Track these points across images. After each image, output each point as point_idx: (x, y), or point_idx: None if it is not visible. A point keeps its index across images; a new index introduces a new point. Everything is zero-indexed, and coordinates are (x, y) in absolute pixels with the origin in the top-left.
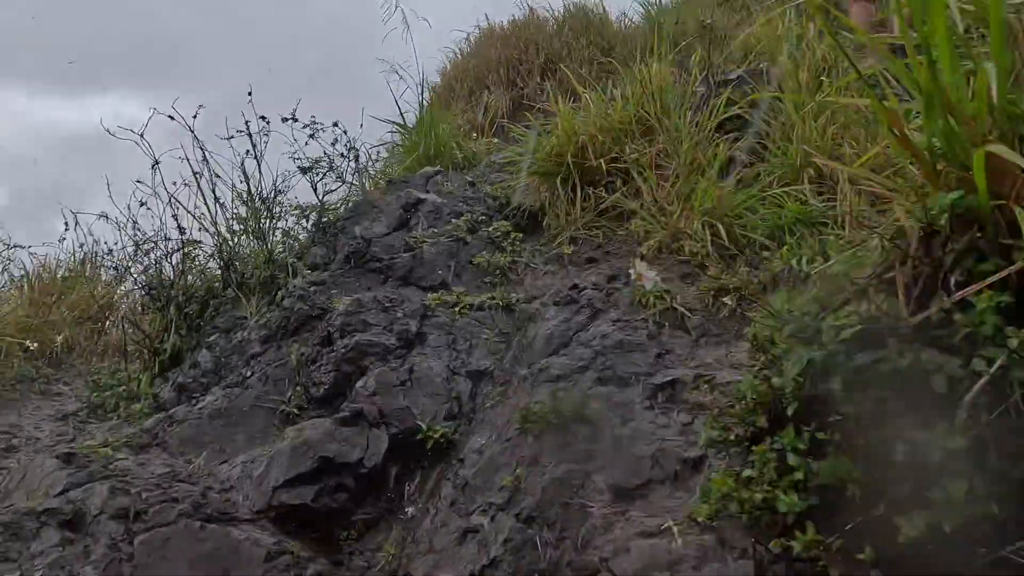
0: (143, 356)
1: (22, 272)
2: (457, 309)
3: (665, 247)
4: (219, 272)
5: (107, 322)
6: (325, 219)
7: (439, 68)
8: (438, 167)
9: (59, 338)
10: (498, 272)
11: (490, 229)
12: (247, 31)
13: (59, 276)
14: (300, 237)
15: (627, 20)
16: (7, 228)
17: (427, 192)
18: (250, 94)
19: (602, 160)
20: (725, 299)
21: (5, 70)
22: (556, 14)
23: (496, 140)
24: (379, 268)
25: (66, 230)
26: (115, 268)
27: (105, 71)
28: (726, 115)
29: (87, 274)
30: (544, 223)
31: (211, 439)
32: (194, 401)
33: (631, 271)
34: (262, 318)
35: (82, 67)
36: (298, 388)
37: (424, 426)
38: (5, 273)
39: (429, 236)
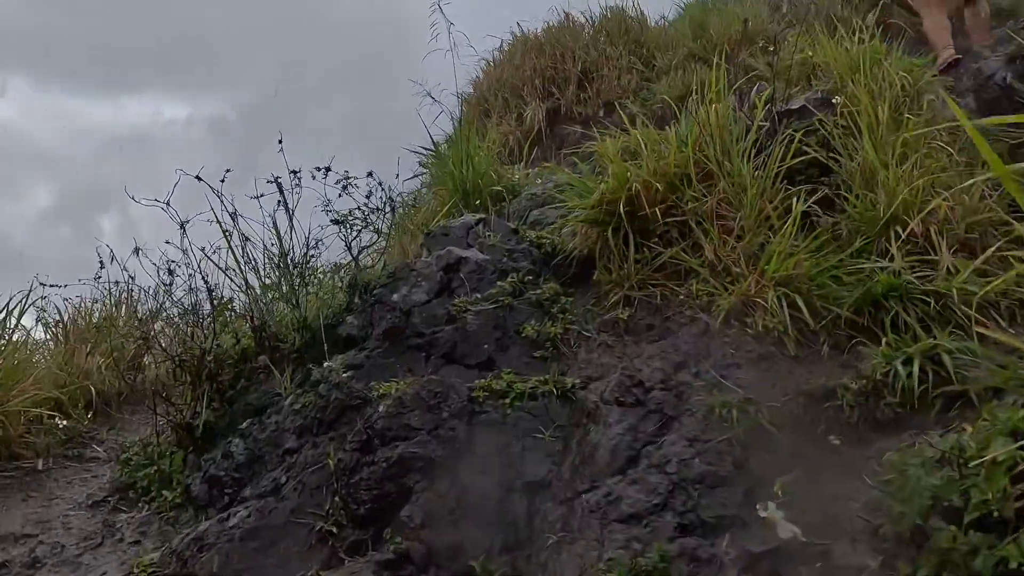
0: (175, 430)
1: (56, 318)
2: (508, 401)
3: (734, 315)
4: (251, 334)
5: (142, 369)
6: (361, 282)
7: (471, 79)
8: (480, 216)
9: (94, 390)
10: (548, 344)
11: (538, 292)
12: (279, 29)
13: (94, 320)
14: (337, 296)
15: (666, 23)
16: (54, 227)
17: (468, 247)
18: (280, 141)
19: (657, 209)
20: (825, 406)
21: (45, 71)
22: (591, 18)
23: (531, 171)
24: (420, 345)
25: (101, 268)
26: (146, 317)
27: (140, 71)
28: (799, 160)
29: (123, 315)
30: (595, 277)
31: (243, 566)
32: (225, 512)
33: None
34: (297, 401)
35: (118, 66)
36: (336, 500)
37: (478, 567)
38: (39, 322)
39: (472, 304)
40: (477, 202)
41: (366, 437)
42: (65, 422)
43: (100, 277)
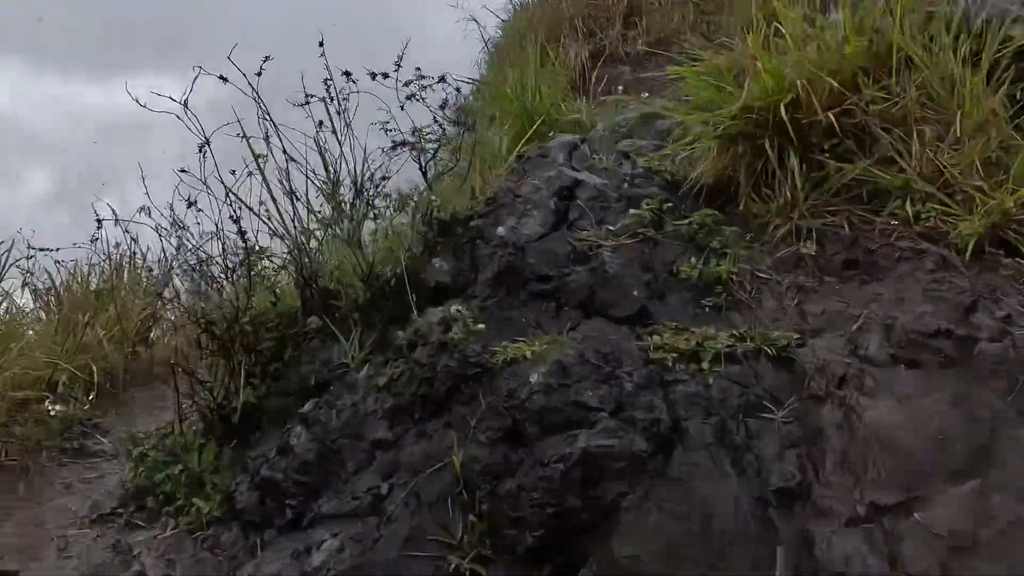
0: (204, 416)
1: (48, 284)
2: (706, 367)
3: (987, 243)
4: (296, 291)
5: (150, 340)
6: (447, 214)
7: (498, 24)
8: (579, 135)
9: (95, 367)
10: (719, 289)
11: (687, 223)
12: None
13: (92, 287)
14: (408, 236)
15: None
16: (52, 214)
17: (576, 169)
18: (321, 44)
19: (831, 114)
20: None
21: (38, 54)
22: None
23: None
24: (546, 292)
25: (99, 227)
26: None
27: (135, 51)
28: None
29: (125, 281)
30: (742, 207)
31: None
32: (296, 534)
33: None
34: (378, 373)
35: (113, 48)
36: (473, 521)
37: None
38: (27, 288)
39: (604, 237)
40: (550, 134)
41: (511, 423)
42: (60, 407)
43: (97, 239)
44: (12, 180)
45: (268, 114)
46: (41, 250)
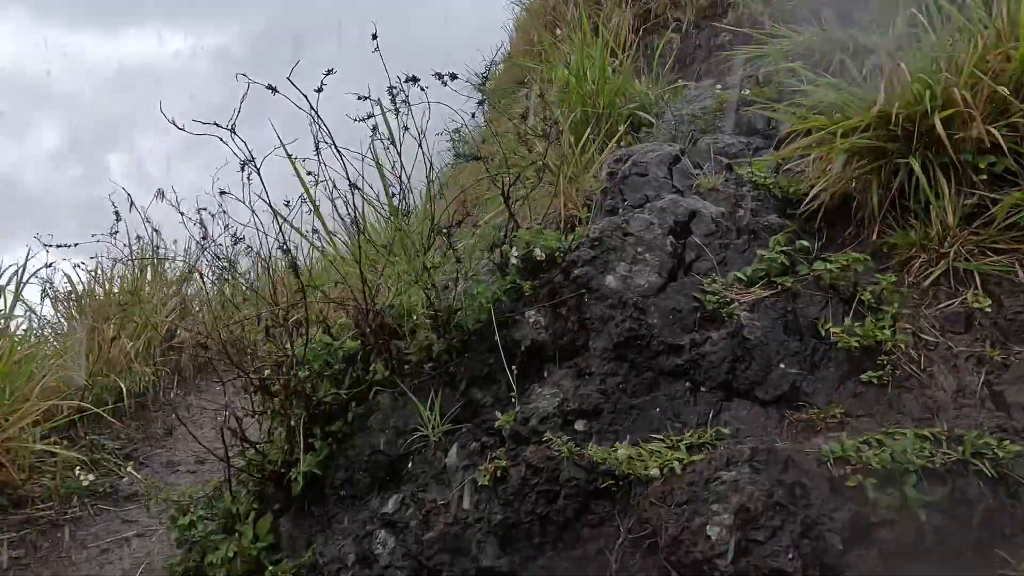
0: (257, 481)
1: (67, 287)
2: (909, 493)
3: None
4: (352, 325)
5: (177, 340)
6: (537, 251)
7: None
8: (679, 146)
9: (123, 386)
10: (882, 360)
11: (825, 268)
12: None
13: (115, 292)
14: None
15: None
16: (64, 167)
17: (676, 190)
18: (375, 36)
19: (994, 128)
20: None
21: (43, 6)
22: None
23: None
24: (678, 368)
25: (117, 220)
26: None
27: (141, 3)
28: None
29: (148, 280)
30: (874, 237)
31: None
32: None
33: None
34: (472, 462)
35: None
36: None
37: None
38: (45, 296)
39: (735, 288)
40: (620, 128)
41: None
42: (91, 476)
43: (117, 232)
44: (21, 131)
45: (331, 136)
46: (59, 246)
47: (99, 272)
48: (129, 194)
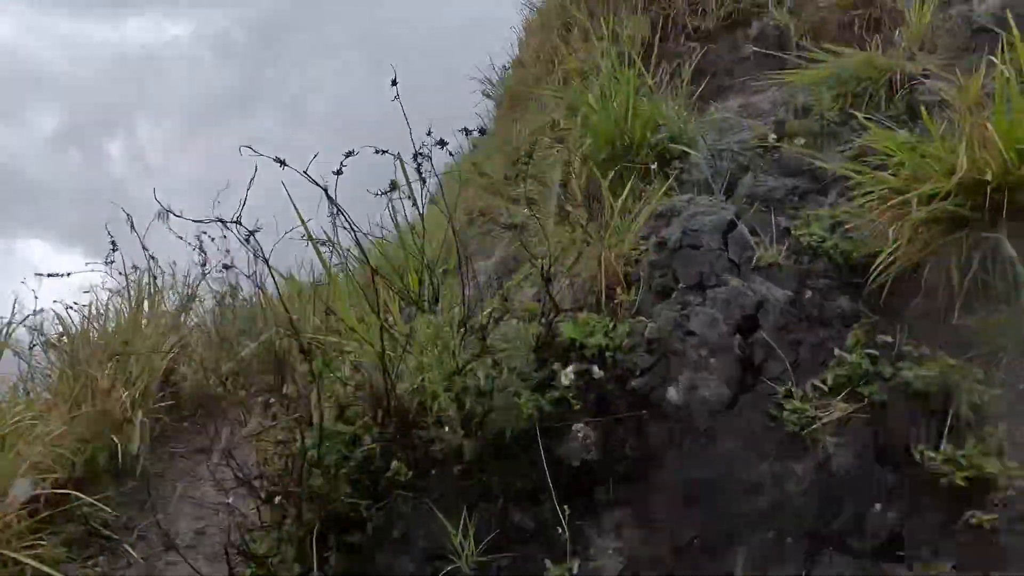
0: None
1: (59, 330)
2: None
3: None
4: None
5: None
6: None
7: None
8: (732, 209)
9: (117, 441)
10: (994, 498)
11: (911, 372)
12: None
13: (110, 328)
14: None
15: None
16: (61, 153)
17: (732, 264)
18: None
19: None
20: None
21: None
22: None
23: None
24: (759, 514)
25: (114, 250)
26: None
27: None
28: None
29: (147, 313)
30: (955, 319)
31: None
32: None
33: None
34: None
35: None
36: None
37: None
38: (35, 346)
39: (815, 402)
40: (652, 165)
41: None
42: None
43: (113, 261)
44: (18, 118)
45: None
46: (50, 275)
47: (94, 310)
48: (128, 215)
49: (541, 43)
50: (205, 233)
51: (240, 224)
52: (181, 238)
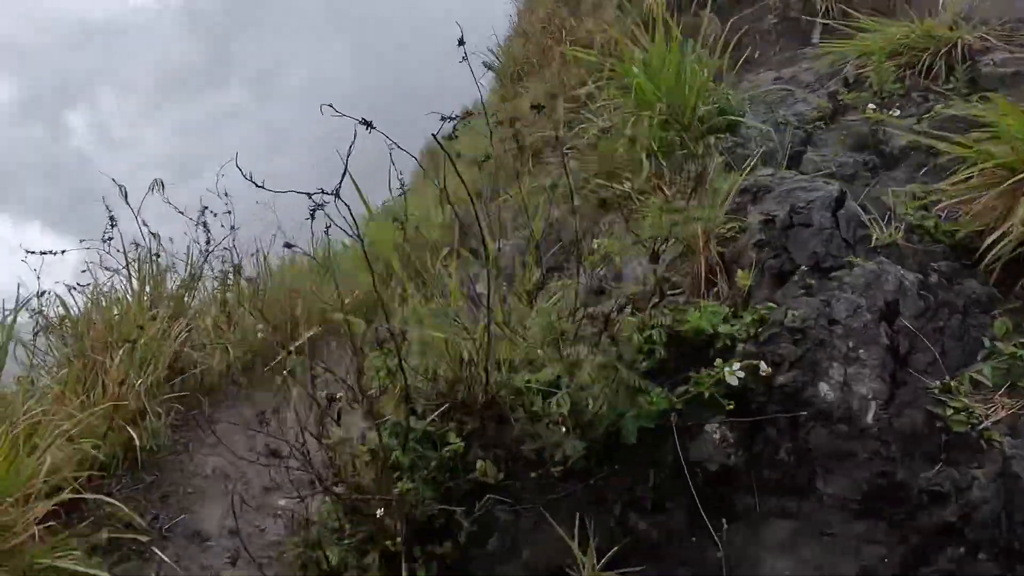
0: None
1: (61, 313)
2: None
3: None
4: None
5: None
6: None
7: None
8: (837, 185)
9: (134, 434)
10: None
11: None
12: None
13: (114, 312)
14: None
15: None
16: (23, 127)
17: (847, 244)
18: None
19: None
20: None
21: None
22: None
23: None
24: (946, 528)
25: (113, 226)
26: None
27: None
28: None
29: (150, 295)
30: None
31: None
32: None
33: None
34: None
35: None
36: None
37: None
38: (37, 333)
39: (974, 397)
40: (711, 140)
41: None
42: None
43: (111, 238)
44: None
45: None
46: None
47: (95, 293)
48: (124, 188)
49: (548, 15)
50: (208, 208)
51: (339, 197)
52: (181, 213)
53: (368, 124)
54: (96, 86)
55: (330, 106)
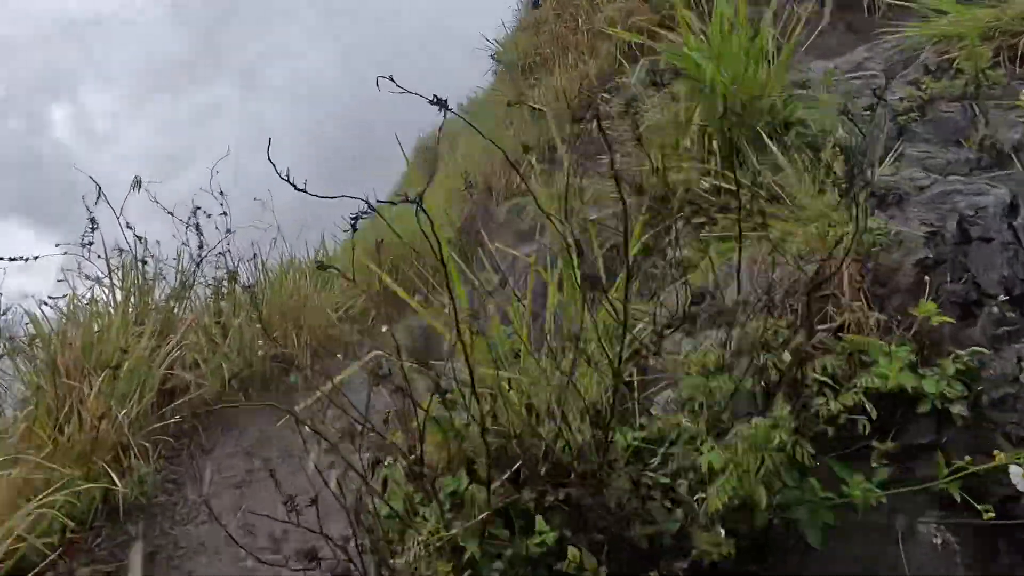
0: None
1: (29, 331)
2: None
3: None
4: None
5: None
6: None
7: None
8: (1006, 189)
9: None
10: None
11: None
12: None
13: (95, 328)
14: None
15: None
16: (2, 119)
17: (1013, 245)
18: None
19: None
20: None
21: None
22: None
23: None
24: None
25: (93, 229)
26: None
27: None
28: None
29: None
30: None
31: None
32: None
33: None
34: None
35: None
36: None
37: None
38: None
39: None
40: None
41: None
42: None
43: (92, 243)
44: None
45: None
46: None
47: (72, 306)
48: (100, 187)
49: (561, 2)
50: (200, 209)
51: (416, 202)
52: (171, 214)
53: (442, 104)
54: (77, 80)
55: (390, 79)
